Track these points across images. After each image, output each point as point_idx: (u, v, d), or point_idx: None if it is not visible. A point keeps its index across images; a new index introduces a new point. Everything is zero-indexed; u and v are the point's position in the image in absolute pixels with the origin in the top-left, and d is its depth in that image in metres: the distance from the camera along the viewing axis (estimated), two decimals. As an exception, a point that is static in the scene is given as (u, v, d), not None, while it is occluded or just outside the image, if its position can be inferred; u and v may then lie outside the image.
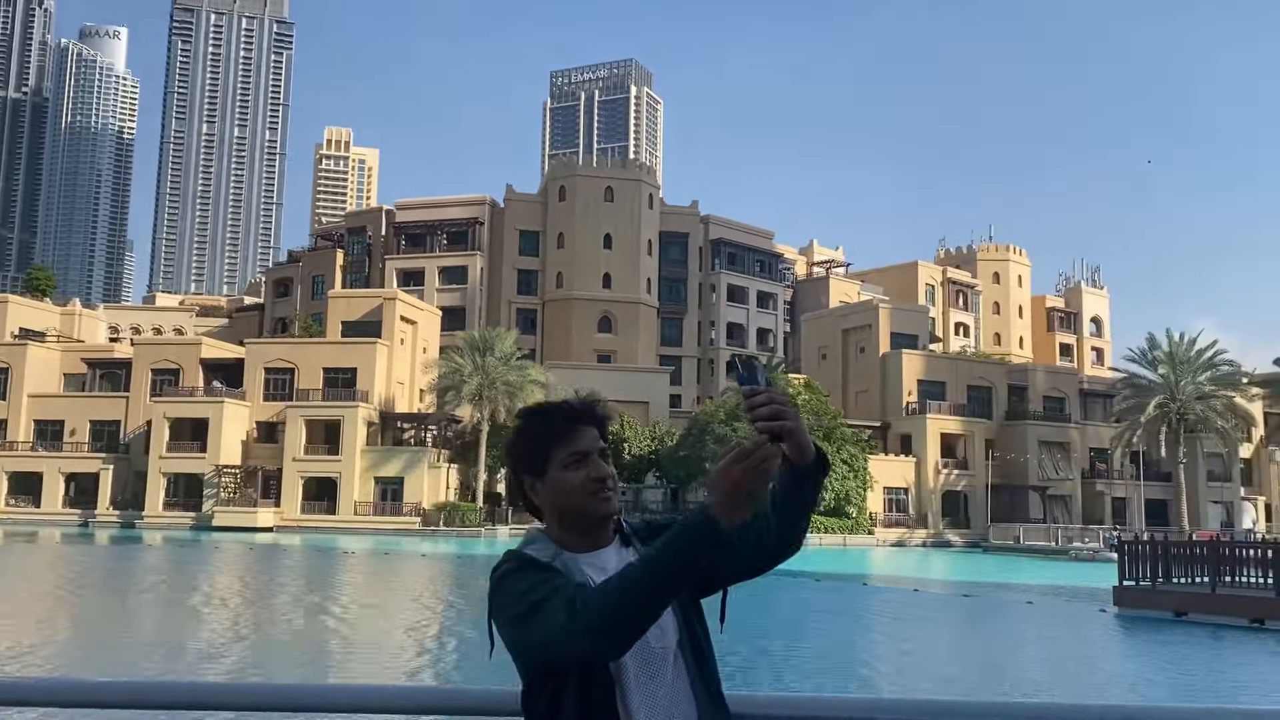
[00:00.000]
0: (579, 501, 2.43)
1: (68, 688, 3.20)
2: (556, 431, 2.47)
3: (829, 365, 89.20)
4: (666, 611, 2.30)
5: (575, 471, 2.42)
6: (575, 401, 2.57)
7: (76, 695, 3.10)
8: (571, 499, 2.43)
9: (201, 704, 3.06)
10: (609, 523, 2.48)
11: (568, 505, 2.44)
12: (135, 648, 18.99)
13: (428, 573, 41.46)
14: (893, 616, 28.76)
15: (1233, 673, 19.22)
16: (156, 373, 78.76)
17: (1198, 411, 71.95)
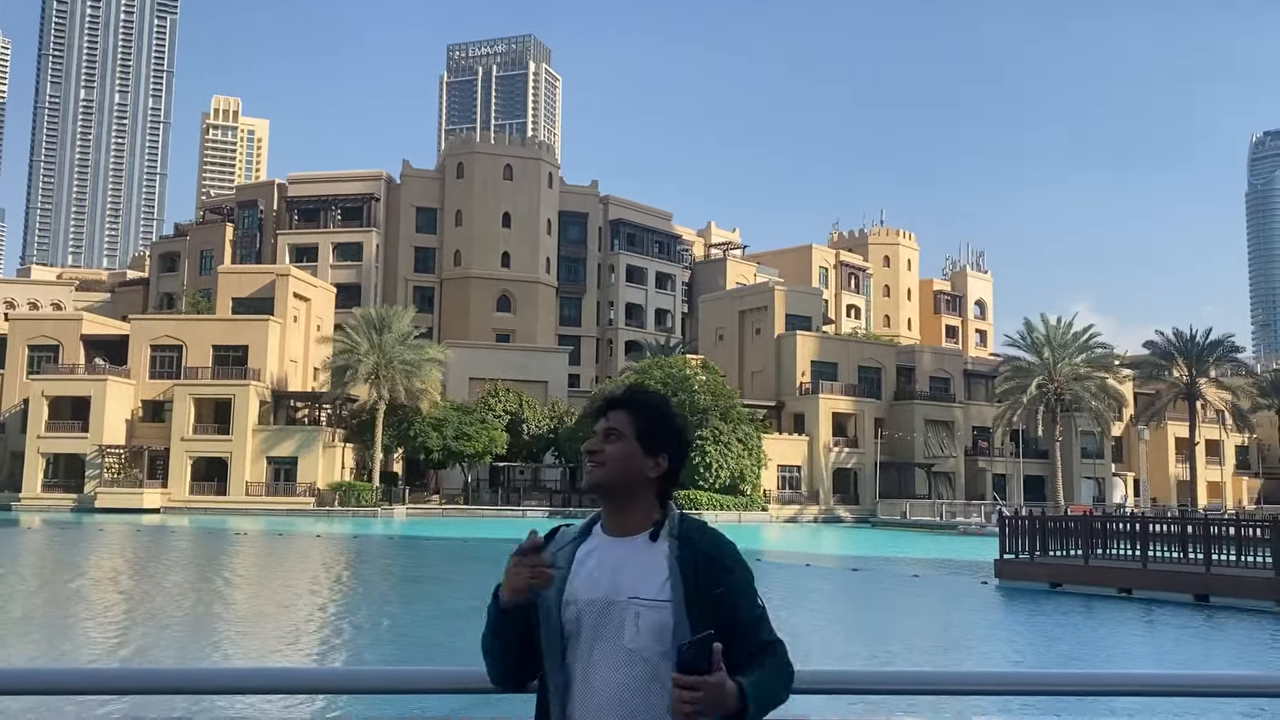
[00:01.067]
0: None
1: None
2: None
3: (726, 346, 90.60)
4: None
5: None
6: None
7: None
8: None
9: (103, 689, 3.29)
10: (624, 505, 2.69)
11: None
12: (24, 634, 18.55)
13: (324, 553, 41.05)
14: (783, 591, 29.73)
15: (1098, 638, 20.55)
16: (34, 349, 75.61)
17: (1074, 392, 75.49)
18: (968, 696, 3.49)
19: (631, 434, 2.69)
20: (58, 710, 4.54)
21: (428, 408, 72.31)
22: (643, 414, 2.72)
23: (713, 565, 2.56)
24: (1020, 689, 3.65)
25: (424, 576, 33.12)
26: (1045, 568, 28.12)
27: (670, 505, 2.71)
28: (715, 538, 2.64)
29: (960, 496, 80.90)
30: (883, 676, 3.42)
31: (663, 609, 2.52)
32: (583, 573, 2.63)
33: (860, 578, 32.52)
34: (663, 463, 2.70)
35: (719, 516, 69.75)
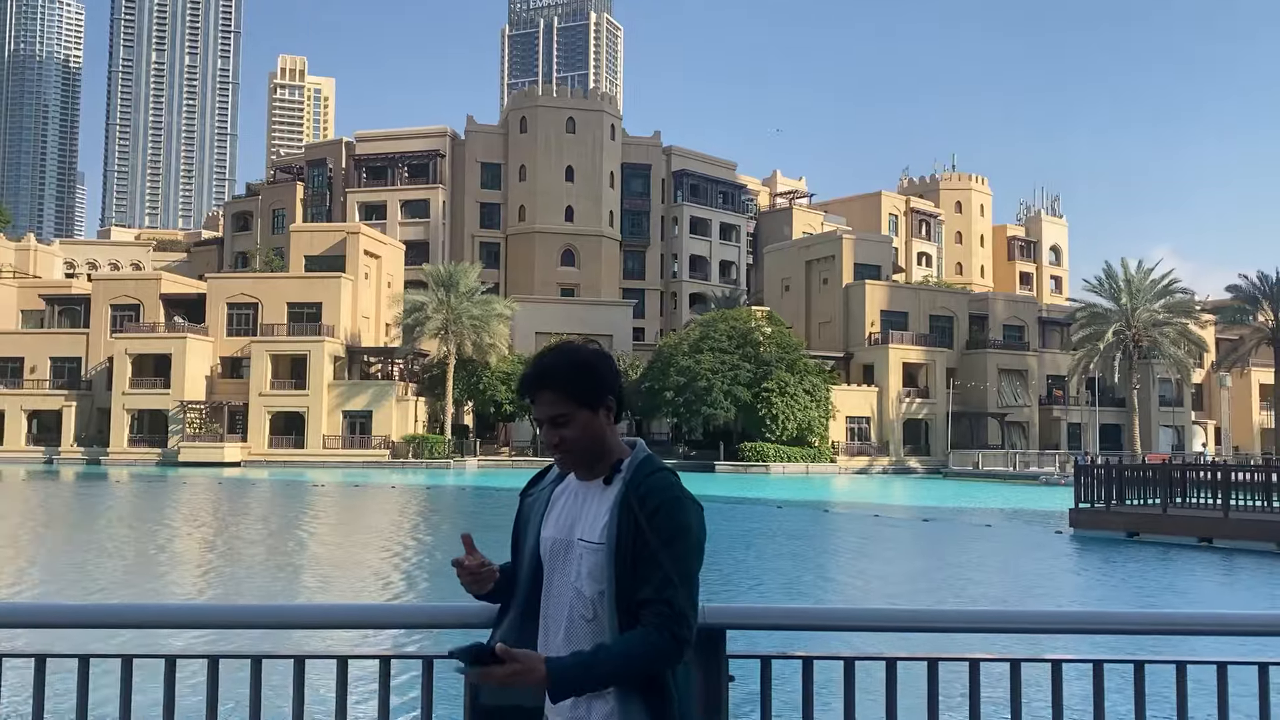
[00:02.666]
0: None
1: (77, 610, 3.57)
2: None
3: (792, 297, 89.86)
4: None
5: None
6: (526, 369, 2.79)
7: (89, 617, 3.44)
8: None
9: (201, 623, 3.46)
10: (591, 465, 2.72)
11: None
12: (135, 577, 19.34)
13: (401, 503, 41.98)
14: (853, 541, 29.69)
15: (1177, 586, 20.21)
16: (116, 309, 77.91)
17: (1152, 338, 73.61)
18: (1043, 635, 3.48)
19: (574, 406, 2.65)
20: (151, 640, 4.87)
21: (496, 362, 73.14)
22: (569, 383, 2.66)
23: (640, 511, 2.54)
24: (1097, 627, 3.63)
25: (499, 524, 33.74)
26: (1122, 517, 27.64)
27: (639, 447, 2.72)
28: (654, 485, 2.59)
29: (1034, 446, 79.72)
30: (960, 615, 3.43)
31: (599, 551, 2.57)
32: (553, 514, 2.74)
33: (931, 528, 32.32)
34: (610, 403, 2.69)
35: (786, 468, 69.76)
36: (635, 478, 2.61)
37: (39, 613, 3.78)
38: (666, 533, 2.51)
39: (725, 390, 70.25)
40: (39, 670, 3.05)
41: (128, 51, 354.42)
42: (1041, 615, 3.49)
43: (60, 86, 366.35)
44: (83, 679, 3.06)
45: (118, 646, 3.14)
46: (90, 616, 3.38)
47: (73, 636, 3.68)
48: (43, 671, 3.07)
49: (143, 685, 3.09)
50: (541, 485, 2.84)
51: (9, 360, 77.87)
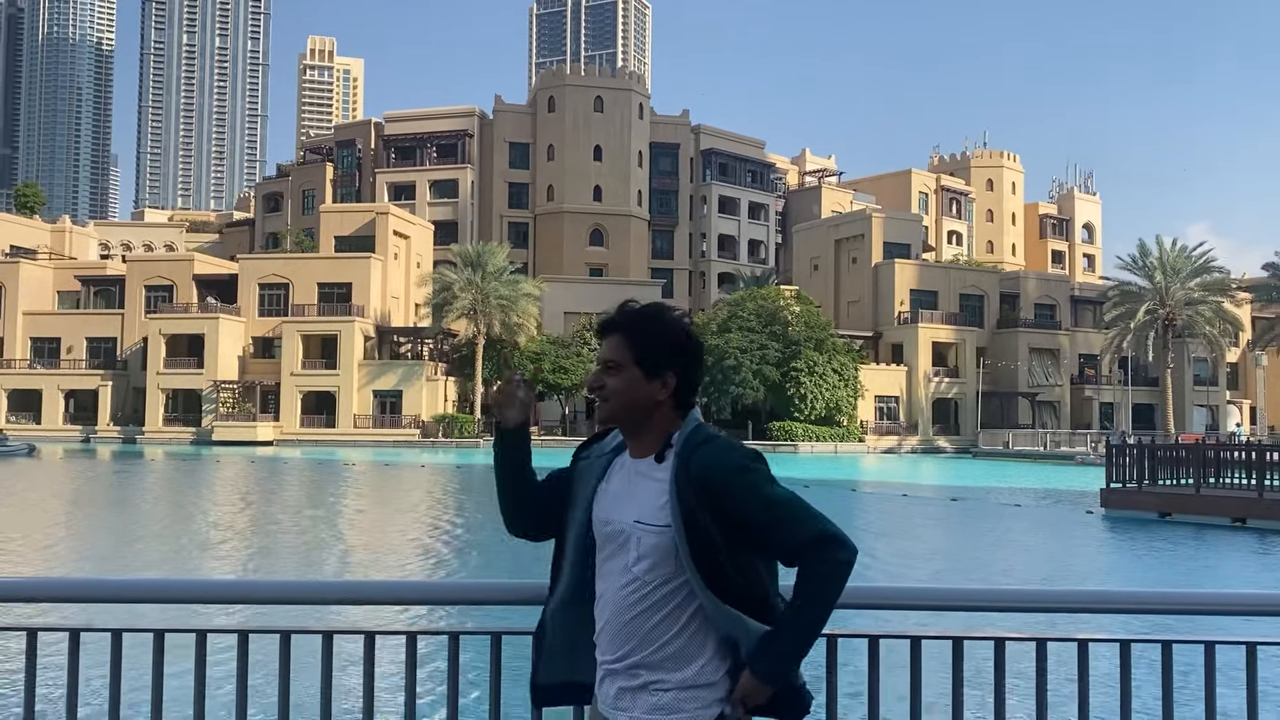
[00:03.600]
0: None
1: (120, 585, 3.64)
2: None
3: (821, 276, 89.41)
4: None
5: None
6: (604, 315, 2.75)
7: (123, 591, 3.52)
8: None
9: (232, 599, 3.52)
10: (637, 432, 2.60)
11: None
12: (172, 554, 19.64)
13: (430, 481, 42.30)
14: (879, 520, 29.62)
15: (1210, 565, 20.03)
16: (150, 289, 78.79)
17: (1186, 317, 72.67)
18: (1069, 614, 3.46)
19: (630, 360, 2.54)
20: (187, 615, 4.97)
21: (525, 342, 73.39)
22: (637, 336, 2.54)
23: (708, 484, 2.41)
24: (1127, 607, 3.61)
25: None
26: (1154, 497, 27.39)
27: (690, 417, 2.58)
28: (710, 455, 2.45)
29: (1065, 426, 79.06)
30: (991, 594, 3.41)
31: (663, 533, 2.45)
32: (608, 493, 2.61)
33: (960, 507, 32.18)
34: (669, 381, 2.55)
35: (815, 448, 69.61)
36: (685, 450, 2.47)
37: (73, 588, 3.86)
38: (746, 492, 2.40)
39: (754, 369, 70.13)
40: (73, 644, 3.11)
41: (159, 34, 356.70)
42: (1069, 594, 3.46)
43: (93, 70, 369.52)
44: (116, 653, 3.12)
45: (150, 622, 3.20)
46: (124, 591, 3.45)
47: (108, 611, 3.76)
48: (76, 645, 3.13)
49: (172, 659, 3.15)
50: (599, 451, 2.70)
51: (47, 341, 79.03)
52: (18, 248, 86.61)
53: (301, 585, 3.62)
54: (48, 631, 3.18)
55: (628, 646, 2.49)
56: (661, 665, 2.45)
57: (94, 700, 3.75)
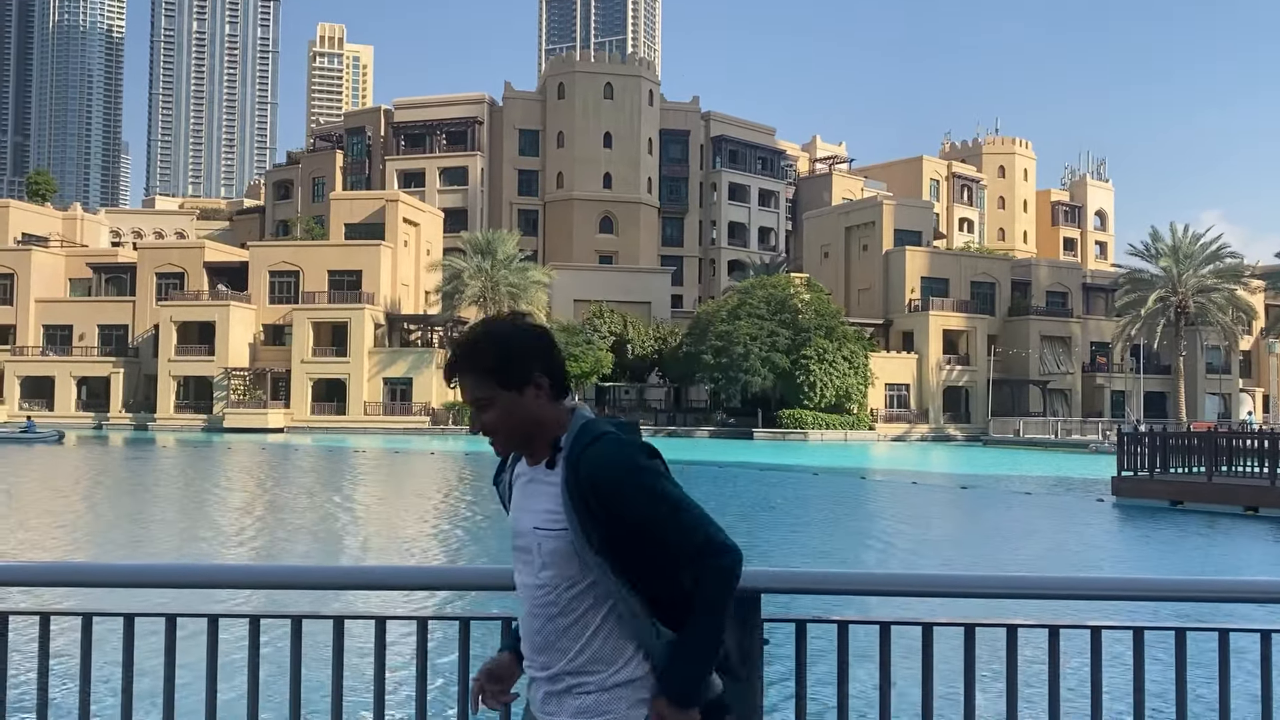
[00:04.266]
0: None
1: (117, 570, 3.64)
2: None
3: (831, 263, 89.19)
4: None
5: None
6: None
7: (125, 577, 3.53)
8: None
9: (243, 584, 3.53)
10: (530, 445, 2.52)
11: None
12: (185, 540, 19.74)
13: (440, 469, 42.42)
14: (889, 507, 29.60)
15: (1222, 553, 19.96)
16: (161, 277, 79.05)
17: (1199, 304, 72.29)
18: (1082, 601, 3.45)
19: (494, 387, 2.44)
20: (194, 601, 5.07)
21: (535, 329, 73.39)
22: (485, 362, 2.44)
23: (597, 485, 2.35)
24: (1139, 594, 3.59)
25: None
26: (1166, 485, 27.27)
27: (576, 416, 2.48)
28: (598, 455, 2.36)
29: (1077, 414, 78.83)
30: (996, 581, 3.40)
31: (560, 538, 2.40)
32: (514, 507, 2.56)
33: (970, 495, 32.12)
34: (542, 382, 2.45)
35: (825, 436, 69.57)
36: (573, 452, 2.40)
37: (85, 572, 3.87)
38: (637, 504, 2.34)
39: (762, 357, 70.05)
40: (85, 629, 3.12)
41: (169, 21, 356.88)
42: (1081, 582, 3.45)
43: (103, 57, 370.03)
44: (128, 637, 3.12)
45: (161, 606, 3.20)
46: (136, 576, 3.45)
47: (119, 596, 3.77)
48: (89, 630, 3.13)
49: (184, 644, 3.15)
50: (506, 469, 2.65)
51: (59, 328, 79.41)
52: (30, 235, 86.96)
53: (311, 570, 3.63)
54: (59, 615, 3.19)
55: (546, 654, 2.47)
56: (582, 669, 2.42)
57: (106, 685, 3.76)
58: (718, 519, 2.44)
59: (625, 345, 75.88)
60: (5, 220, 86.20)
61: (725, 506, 27.17)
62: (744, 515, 25.51)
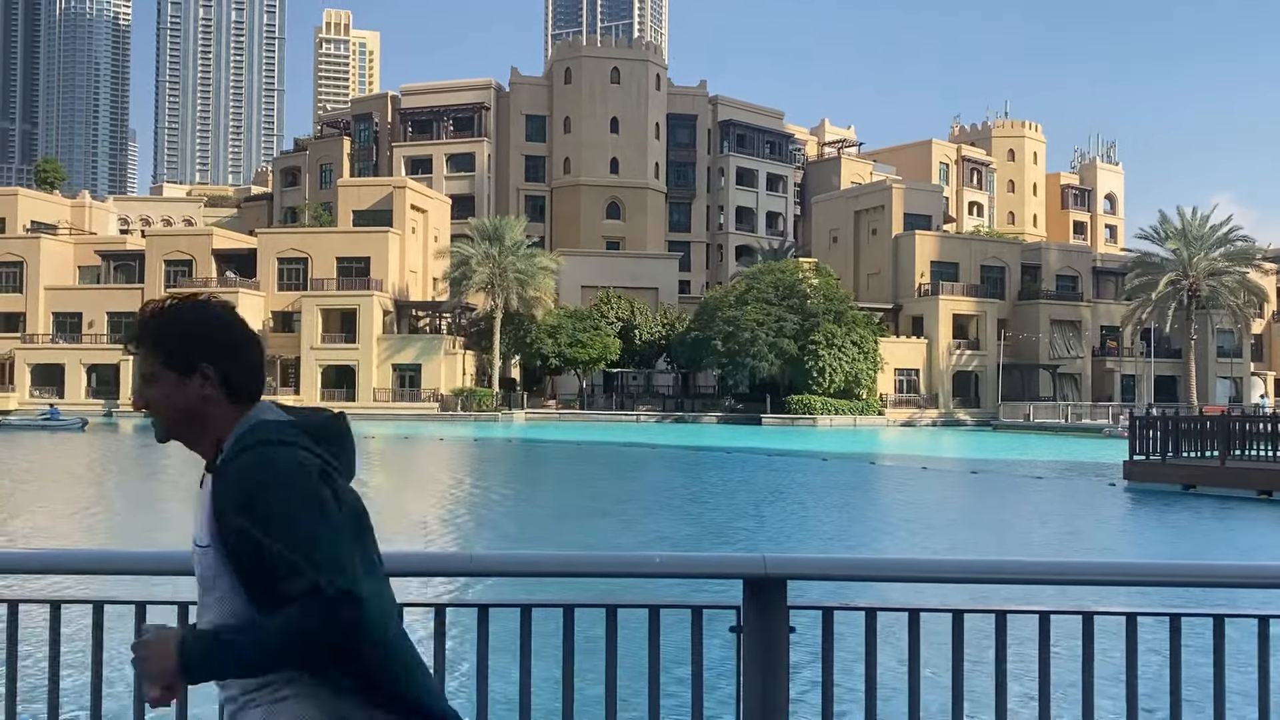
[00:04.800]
0: None
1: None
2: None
3: (840, 248, 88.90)
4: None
5: None
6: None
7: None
8: None
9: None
10: (196, 443, 2.33)
11: None
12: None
13: (449, 455, 42.46)
14: (899, 494, 29.53)
15: (1234, 538, 19.84)
16: (170, 264, 79.11)
17: (1210, 287, 71.88)
18: (1113, 587, 3.37)
19: (159, 364, 2.26)
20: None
21: (542, 315, 73.40)
22: (158, 338, 2.27)
23: (237, 496, 2.12)
24: (1145, 579, 3.51)
25: (543, 477, 34.03)
26: (1178, 469, 27.12)
27: (246, 419, 2.26)
28: (245, 464, 2.14)
29: (1087, 398, 78.57)
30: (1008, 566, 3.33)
31: (207, 553, 2.19)
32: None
33: (980, 480, 32.03)
34: (210, 374, 2.25)
35: (834, 421, 69.46)
36: (226, 459, 2.19)
37: (96, 560, 3.80)
38: (261, 525, 2.08)
39: (770, 342, 69.89)
40: (54, 616, 3.08)
41: (175, 9, 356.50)
42: (1110, 567, 3.36)
43: (110, 45, 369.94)
44: (139, 623, 3.07)
45: (171, 594, 3.14)
46: (142, 563, 3.39)
47: (128, 584, 3.72)
48: (100, 617, 3.08)
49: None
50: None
51: (68, 316, 79.57)
52: (38, 223, 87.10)
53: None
54: (70, 604, 3.14)
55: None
56: (249, 684, 2.20)
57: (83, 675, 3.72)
58: (728, 505, 2.36)
59: (633, 331, 75.78)
60: (14, 208, 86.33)
61: (735, 493, 27.14)
62: (756, 502, 25.47)
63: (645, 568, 2.91)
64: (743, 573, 2.86)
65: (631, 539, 18.71)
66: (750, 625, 2.88)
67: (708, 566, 3.17)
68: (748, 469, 35.44)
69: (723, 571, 3.10)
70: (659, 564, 2.89)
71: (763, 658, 2.87)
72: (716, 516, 21.73)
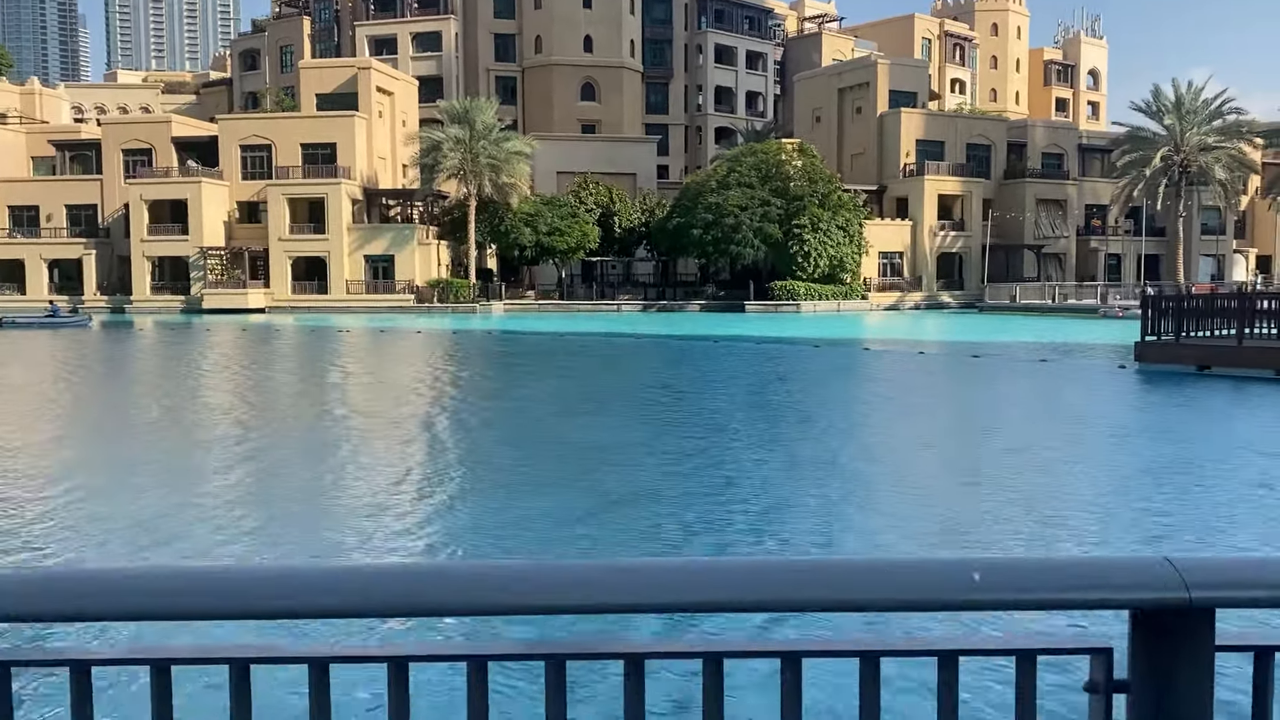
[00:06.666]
0: None
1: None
2: None
3: (823, 128, 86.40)
4: None
5: None
6: None
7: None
8: None
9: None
10: None
11: None
12: (175, 430, 18.40)
13: (428, 348, 41.07)
14: (904, 378, 28.52)
15: (1256, 418, 18.94)
16: (128, 153, 75.78)
17: (1201, 163, 70.49)
18: None
19: None
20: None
21: (518, 203, 71.08)
22: None
23: None
24: None
25: (523, 366, 32.78)
26: (1192, 350, 26.21)
27: None
28: None
29: (1071, 278, 77.79)
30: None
31: None
32: None
33: (985, 364, 31.01)
34: None
35: (817, 306, 68.36)
36: None
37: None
38: None
39: (755, 228, 68.20)
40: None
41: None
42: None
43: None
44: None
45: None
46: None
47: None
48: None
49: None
50: None
51: (24, 209, 76.45)
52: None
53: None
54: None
55: None
56: None
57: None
58: (735, 393, 1.54)
59: (611, 219, 73.72)
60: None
61: (734, 383, 25.98)
62: (756, 389, 24.32)
63: (954, 593, 1.53)
64: (1134, 598, 1.53)
65: (643, 434, 17.49)
66: (1144, 685, 1.59)
67: (1082, 583, 1.73)
68: (744, 358, 34.31)
69: (1104, 597, 1.65)
70: (980, 585, 1.55)
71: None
72: (726, 403, 20.53)
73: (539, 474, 13.72)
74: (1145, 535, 10.18)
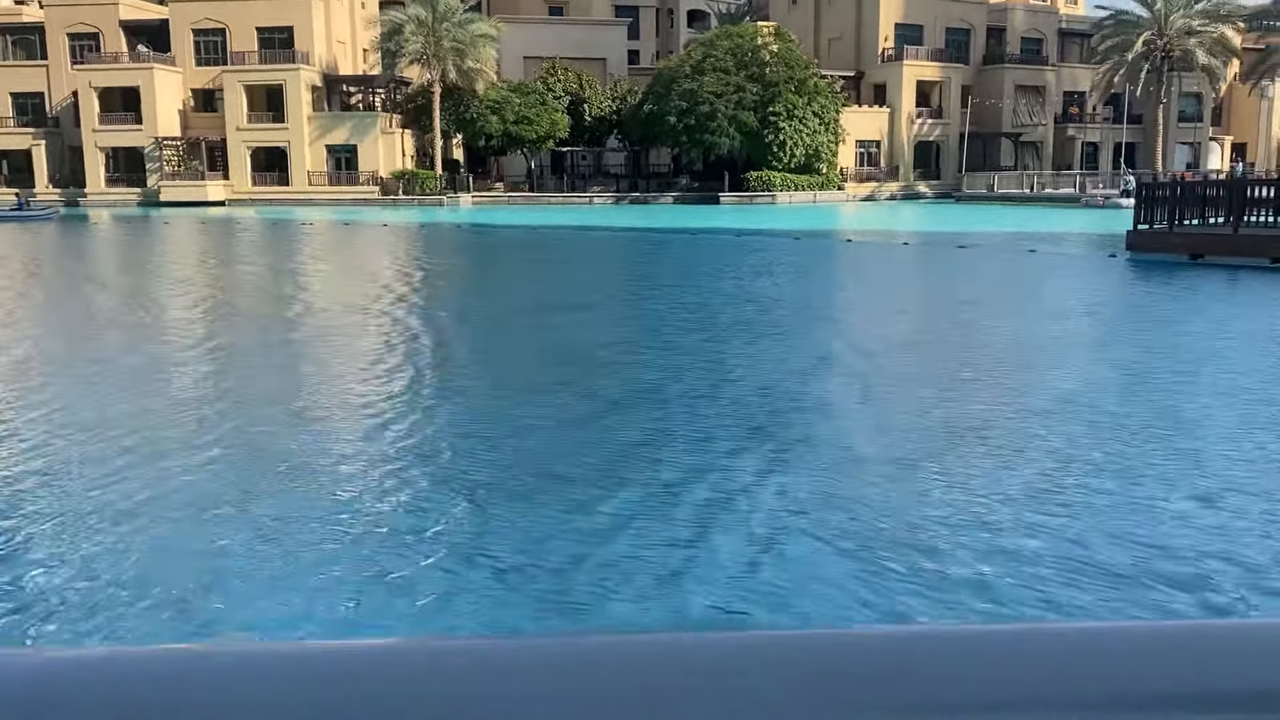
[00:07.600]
0: None
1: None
2: None
3: (800, 11, 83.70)
4: None
5: None
6: None
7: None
8: None
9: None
10: None
11: None
12: (141, 328, 17.38)
13: (395, 241, 39.78)
14: (893, 270, 27.83)
15: (1245, 305, 18.43)
16: (74, 38, 72.21)
17: (1184, 48, 69.10)
18: None
19: None
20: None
21: (484, 89, 68.65)
22: None
23: None
24: None
25: (510, 262, 31.74)
26: (1185, 238, 25.62)
27: None
28: None
29: (1048, 167, 76.83)
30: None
31: None
32: None
33: (973, 254, 30.28)
34: None
35: (793, 198, 67.17)
36: None
37: None
38: None
39: (730, 116, 66.40)
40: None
41: None
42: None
43: None
44: None
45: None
46: None
47: None
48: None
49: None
50: None
51: (-34, 98, 73.05)
52: (-82, -7, 78.57)
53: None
54: None
55: None
56: None
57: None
58: (727, 287, 1.56)
59: (582, 106, 71.50)
60: (-112, -24, 77.57)
61: (722, 274, 25.17)
62: (747, 281, 23.53)
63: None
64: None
65: (633, 331, 16.70)
66: None
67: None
68: (726, 250, 33.42)
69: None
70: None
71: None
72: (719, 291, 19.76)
73: (533, 377, 12.93)
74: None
